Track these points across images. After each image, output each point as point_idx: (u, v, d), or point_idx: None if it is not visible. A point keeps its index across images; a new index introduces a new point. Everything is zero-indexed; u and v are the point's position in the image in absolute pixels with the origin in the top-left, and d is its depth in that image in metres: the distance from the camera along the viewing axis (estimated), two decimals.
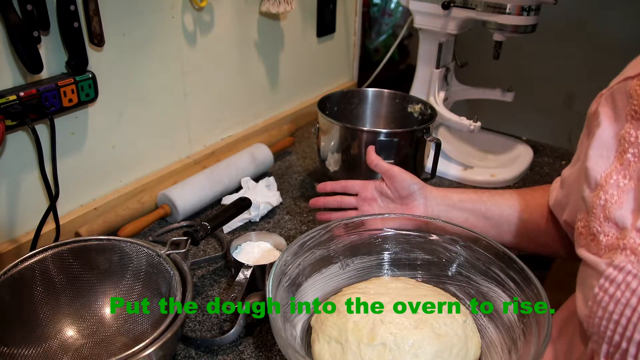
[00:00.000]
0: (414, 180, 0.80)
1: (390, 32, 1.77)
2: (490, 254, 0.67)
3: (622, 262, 0.47)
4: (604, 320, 0.48)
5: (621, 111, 0.53)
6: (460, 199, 0.80)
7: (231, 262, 0.80)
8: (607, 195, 0.51)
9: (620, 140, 0.53)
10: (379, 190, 0.83)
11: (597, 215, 0.52)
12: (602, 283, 0.48)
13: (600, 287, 0.48)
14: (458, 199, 0.80)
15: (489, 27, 1.01)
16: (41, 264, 0.65)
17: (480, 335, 0.64)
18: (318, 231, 0.69)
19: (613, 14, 1.51)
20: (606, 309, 0.48)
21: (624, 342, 0.47)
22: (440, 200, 0.80)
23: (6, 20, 0.67)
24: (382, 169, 0.82)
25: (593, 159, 0.55)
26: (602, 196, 0.52)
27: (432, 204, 0.80)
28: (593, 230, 0.52)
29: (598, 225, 0.52)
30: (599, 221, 0.52)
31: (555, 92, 1.66)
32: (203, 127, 1.07)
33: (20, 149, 0.77)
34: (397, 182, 0.80)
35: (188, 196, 0.92)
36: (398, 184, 0.80)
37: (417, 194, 0.80)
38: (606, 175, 0.53)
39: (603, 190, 0.52)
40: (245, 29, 1.08)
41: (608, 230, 0.51)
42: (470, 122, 1.01)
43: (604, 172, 0.53)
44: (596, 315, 0.49)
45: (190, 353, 0.68)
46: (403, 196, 0.80)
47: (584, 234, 0.54)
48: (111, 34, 0.82)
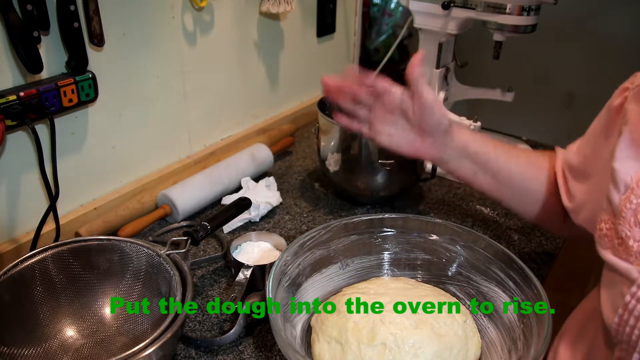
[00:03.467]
0: (444, 119, 0.69)
1: (390, 32, 1.77)
2: (490, 254, 0.67)
3: None
4: (636, 329, 0.47)
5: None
6: (477, 150, 0.72)
7: (231, 262, 0.80)
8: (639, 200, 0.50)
9: None
10: (402, 107, 0.69)
11: (627, 219, 0.50)
12: (634, 291, 0.47)
13: (633, 295, 0.47)
14: (475, 149, 0.72)
15: (489, 27, 1.01)
16: (41, 264, 0.65)
17: (480, 335, 0.64)
18: (318, 231, 0.69)
19: (613, 14, 1.51)
20: (639, 318, 0.46)
21: None
22: (459, 144, 0.71)
23: (6, 20, 0.67)
24: (418, 87, 0.66)
25: (621, 160, 0.53)
26: (633, 200, 0.50)
27: (448, 147, 0.71)
28: (621, 234, 0.51)
29: (627, 230, 0.50)
30: (628, 225, 0.50)
31: (555, 92, 1.66)
32: (203, 127, 1.07)
33: (20, 149, 0.77)
34: (426, 114, 0.68)
35: (188, 196, 0.92)
36: (426, 117, 0.68)
37: (440, 134, 0.70)
38: (637, 178, 0.51)
39: (634, 193, 0.50)
40: (245, 29, 1.08)
41: (639, 236, 0.49)
42: (470, 122, 1.01)
43: (634, 174, 0.51)
44: (627, 324, 0.47)
45: (190, 353, 0.68)
46: (424, 128, 0.69)
47: (610, 236, 0.53)
48: (111, 34, 0.82)
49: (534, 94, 1.59)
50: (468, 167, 0.73)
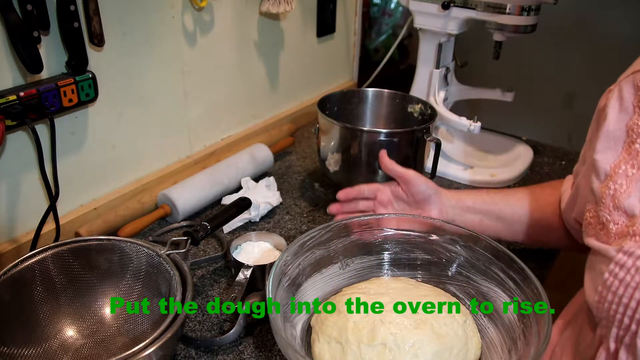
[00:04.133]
0: (429, 184, 0.81)
1: (390, 32, 1.77)
2: (490, 254, 0.67)
3: (631, 248, 0.48)
4: (613, 304, 0.49)
5: (628, 103, 0.55)
6: (474, 202, 0.80)
7: (231, 262, 0.80)
8: (617, 185, 0.53)
9: (629, 131, 0.54)
10: (395, 194, 0.84)
11: (607, 204, 0.53)
12: (612, 268, 0.49)
13: (610, 272, 0.49)
14: (471, 201, 0.81)
15: (489, 27, 1.01)
16: (41, 264, 0.65)
17: (480, 335, 0.64)
18: (318, 231, 0.69)
19: (613, 14, 1.51)
20: (616, 293, 0.49)
21: (633, 324, 0.48)
22: (455, 203, 0.81)
23: (6, 20, 0.67)
24: (397, 173, 0.82)
25: (601, 151, 0.56)
26: (611, 186, 0.53)
27: (447, 207, 0.81)
28: (602, 219, 0.53)
29: (607, 215, 0.53)
30: (608, 210, 0.53)
31: (555, 92, 1.66)
32: (203, 127, 1.07)
33: (20, 149, 0.77)
34: (412, 186, 0.81)
35: (188, 196, 0.92)
36: (413, 189, 0.81)
37: (432, 198, 0.80)
38: (615, 166, 0.54)
39: (612, 180, 0.53)
40: (245, 29, 1.08)
41: (617, 219, 0.52)
42: (470, 122, 1.01)
43: (612, 162, 0.55)
44: (606, 300, 0.50)
45: (190, 353, 0.68)
46: (418, 200, 0.81)
47: (593, 223, 0.56)
48: (111, 34, 0.82)
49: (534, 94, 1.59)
50: (473, 218, 0.81)
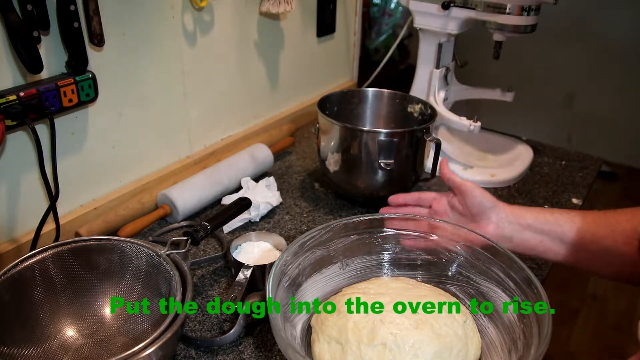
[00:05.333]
0: (486, 197, 0.77)
1: (390, 32, 1.77)
2: (490, 254, 0.67)
3: None
4: None
5: None
6: (535, 220, 0.75)
7: (231, 262, 0.80)
8: None
9: None
10: (451, 205, 0.82)
11: None
12: None
13: None
14: (532, 219, 0.75)
15: (489, 27, 1.01)
16: (41, 264, 0.65)
17: (480, 335, 0.64)
18: (318, 231, 0.69)
19: (613, 14, 1.51)
20: None
21: None
22: (513, 219, 0.76)
23: (6, 20, 0.67)
24: (454, 183, 0.80)
25: None
26: None
27: (505, 223, 0.76)
28: None
29: None
30: None
31: (555, 92, 1.66)
32: (203, 127, 1.07)
33: (20, 149, 0.77)
34: (469, 198, 0.78)
35: (188, 196, 0.92)
36: (469, 201, 0.78)
37: (489, 212, 0.76)
38: None
39: None
40: (245, 29, 1.08)
41: None
42: (470, 122, 1.01)
43: None
44: None
45: (190, 353, 0.68)
46: (475, 213, 0.78)
47: None
48: (111, 34, 0.82)
49: (534, 94, 1.60)
50: (533, 237, 0.75)
